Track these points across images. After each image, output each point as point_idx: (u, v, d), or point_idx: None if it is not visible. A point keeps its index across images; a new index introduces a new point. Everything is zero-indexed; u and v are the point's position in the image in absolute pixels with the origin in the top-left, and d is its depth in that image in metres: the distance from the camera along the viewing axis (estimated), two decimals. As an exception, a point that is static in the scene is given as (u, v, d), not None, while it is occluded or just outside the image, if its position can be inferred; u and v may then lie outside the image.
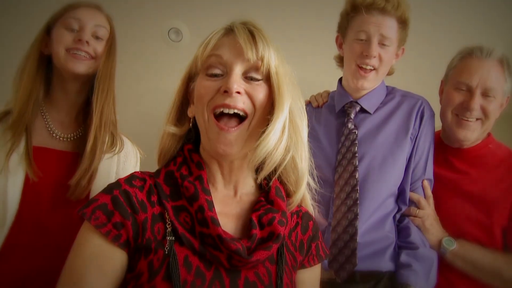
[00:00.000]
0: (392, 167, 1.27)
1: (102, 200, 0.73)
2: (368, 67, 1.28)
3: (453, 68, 1.35)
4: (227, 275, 0.73)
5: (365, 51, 1.26)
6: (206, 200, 0.75)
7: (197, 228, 0.73)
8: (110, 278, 0.70)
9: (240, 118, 0.77)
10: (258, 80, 0.79)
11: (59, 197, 1.12)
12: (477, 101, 1.26)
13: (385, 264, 1.22)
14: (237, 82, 0.75)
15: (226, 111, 0.76)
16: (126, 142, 1.27)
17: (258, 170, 0.84)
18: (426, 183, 1.30)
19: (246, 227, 0.79)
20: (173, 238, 0.73)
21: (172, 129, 0.84)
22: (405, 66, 1.41)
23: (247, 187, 0.86)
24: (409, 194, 1.29)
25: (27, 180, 1.08)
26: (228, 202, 0.82)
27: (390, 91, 1.40)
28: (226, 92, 0.75)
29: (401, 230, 1.28)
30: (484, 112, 1.27)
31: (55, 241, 1.09)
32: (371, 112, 1.34)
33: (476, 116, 1.28)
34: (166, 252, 0.71)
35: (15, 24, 2.02)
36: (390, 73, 1.38)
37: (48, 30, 1.18)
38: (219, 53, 0.78)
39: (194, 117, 0.84)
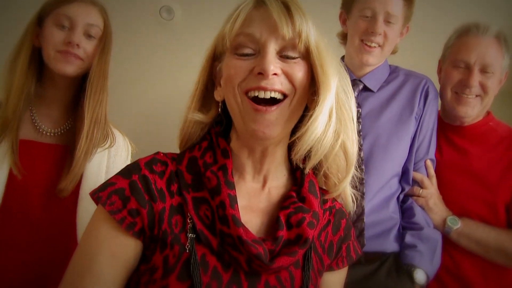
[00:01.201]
0: (396, 146, 1.25)
1: (119, 184, 0.67)
2: (373, 44, 1.25)
3: (451, 47, 1.35)
4: (245, 278, 0.67)
5: (371, 28, 1.23)
6: (228, 195, 0.67)
7: (218, 225, 0.67)
8: (122, 264, 0.66)
9: (278, 102, 0.68)
10: (295, 58, 0.69)
11: (48, 191, 1.09)
12: (476, 78, 1.26)
13: (390, 245, 1.21)
14: (273, 63, 0.66)
15: (261, 95, 0.67)
16: (117, 135, 1.23)
17: (305, 159, 0.75)
18: (429, 162, 1.29)
19: (272, 225, 0.72)
20: (194, 235, 0.66)
21: (198, 116, 0.75)
22: (403, 45, 1.39)
23: (279, 176, 0.78)
24: (412, 173, 1.28)
25: (11, 174, 1.03)
26: (255, 195, 0.74)
27: (394, 70, 1.37)
28: (261, 74, 0.66)
29: (405, 210, 1.27)
30: (483, 89, 1.28)
31: (45, 235, 1.07)
32: (375, 91, 1.31)
33: (475, 92, 1.28)
34: (187, 251, 0.65)
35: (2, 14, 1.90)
36: (393, 52, 1.35)
37: (39, 21, 1.11)
38: (250, 32, 0.68)
39: (222, 101, 0.74)
